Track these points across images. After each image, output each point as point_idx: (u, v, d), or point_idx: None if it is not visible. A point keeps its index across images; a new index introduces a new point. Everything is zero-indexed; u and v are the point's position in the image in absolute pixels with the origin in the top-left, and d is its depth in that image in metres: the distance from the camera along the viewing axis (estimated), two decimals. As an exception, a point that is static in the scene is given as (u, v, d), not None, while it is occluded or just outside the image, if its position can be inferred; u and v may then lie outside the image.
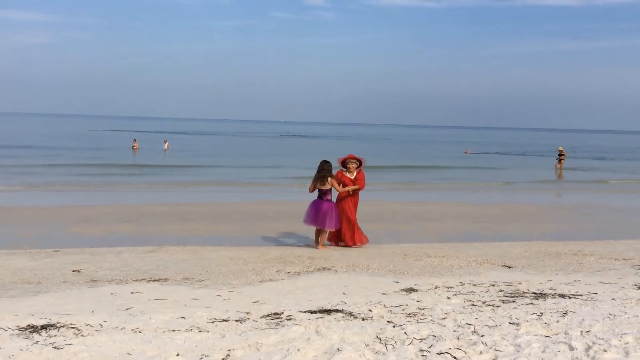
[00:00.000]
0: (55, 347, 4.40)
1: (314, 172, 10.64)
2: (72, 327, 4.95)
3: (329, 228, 10.42)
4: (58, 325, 5.01)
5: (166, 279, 7.62)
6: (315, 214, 10.41)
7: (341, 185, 10.61)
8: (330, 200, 10.56)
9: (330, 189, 10.58)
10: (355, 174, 10.79)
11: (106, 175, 25.32)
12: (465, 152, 53.98)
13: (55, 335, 4.70)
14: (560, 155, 34.47)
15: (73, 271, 8.17)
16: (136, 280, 7.55)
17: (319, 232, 10.52)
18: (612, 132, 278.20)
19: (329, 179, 10.45)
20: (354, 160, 10.85)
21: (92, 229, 12.40)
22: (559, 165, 34.26)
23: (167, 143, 47.14)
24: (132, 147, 45.57)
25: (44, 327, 4.93)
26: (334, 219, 10.38)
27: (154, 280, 7.53)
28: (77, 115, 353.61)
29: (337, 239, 10.76)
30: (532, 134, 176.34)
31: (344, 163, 10.85)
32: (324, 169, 10.46)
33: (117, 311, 5.66)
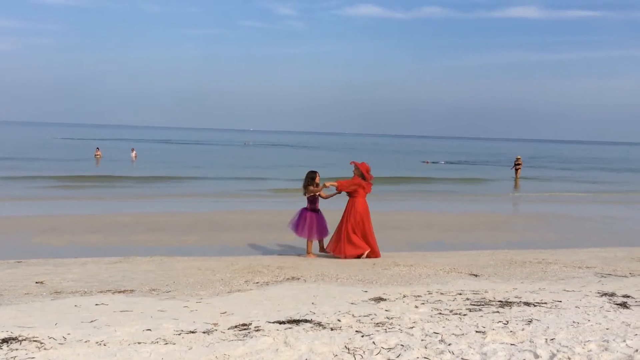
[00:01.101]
0: (16, 362, 4.30)
1: (276, 182, 10.82)
2: (34, 341, 4.84)
3: (303, 236, 10.70)
4: (20, 338, 4.89)
5: (132, 290, 7.50)
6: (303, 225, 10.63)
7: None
8: (308, 209, 10.75)
9: (315, 197, 10.76)
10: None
11: (71, 187, 24.86)
12: (425, 162, 54.41)
13: (17, 349, 4.59)
14: (517, 164, 35.05)
15: (36, 282, 7.99)
16: (101, 291, 7.41)
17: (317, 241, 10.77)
18: (574, 143, 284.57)
19: (309, 187, 10.69)
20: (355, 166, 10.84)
21: (55, 239, 12.16)
22: (515, 174, 34.83)
23: (134, 152, 46.39)
24: (95, 155, 44.41)
25: (5, 340, 4.81)
26: (306, 228, 10.59)
27: (120, 292, 7.40)
28: (42, 123, 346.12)
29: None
30: (496, 143, 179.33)
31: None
32: (305, 178, 10.72)
33: (81, 323, 5.55)
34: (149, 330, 5.26)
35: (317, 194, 10.75)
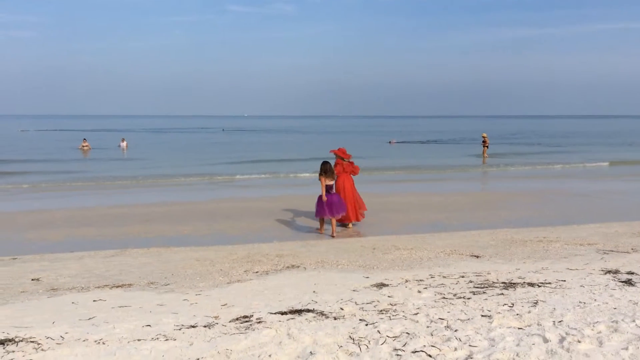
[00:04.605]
0: (13, 365, 4.19)
1: (263, 167, 10.88)
2: (31, 341, 4.72)
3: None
4: (17, 339, 4.77)
5: (130, 285, 7.38)
6: (330, 206, 11.53)
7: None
8: (337, 193, 11.85)
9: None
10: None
11: (59, 178, 24.60)
12: (390, 142, 54.10)
13: (13, 351, 4.46)
14: (483, 142, 34.87)
15: (32, 280, 7.86)
16: (98, 287, 7.29)
17: (330, 221, 11.70)
18: (560, 118, 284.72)
19: (320, 176, 11.68)
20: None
21: (50, 234, 12.00)
22: (483, 152, 34.62)
23: (124, 142, 45.43)
24: (82, 147, 42.79)
25: (1, 342, 4.69)
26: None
27: (117, 287, 7.29)
28: (27, 115, 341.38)
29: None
30: (482, 121, 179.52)
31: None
32: (330, 169, 11.70)
33: (79, 321, 5.43)
34: (149, 326, 5.14)
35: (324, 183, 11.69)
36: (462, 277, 7.01)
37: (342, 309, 5.54)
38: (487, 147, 34.82)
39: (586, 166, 29.24)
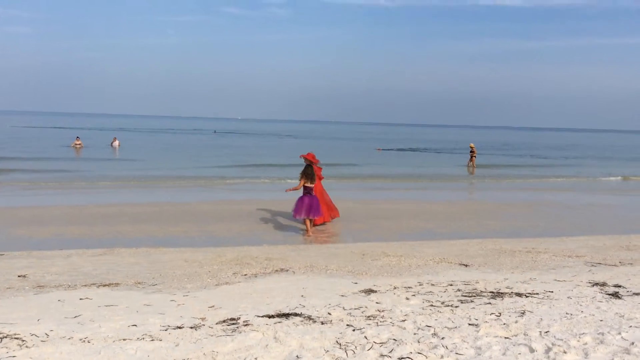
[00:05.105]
0: (-4, 361, 4.15)
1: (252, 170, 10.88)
2: (16, 338, 4.69)
3: (317, 217, 12.39)
4: (1, 335, 4.74)
5: (117, 284, 7.34)
6: (309, 207, 12.11)
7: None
8: (314, 195, 12.39)
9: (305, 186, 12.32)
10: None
11: (52, 174, 24.45)
12: (377, 150, 54.17)
13: (-3, 347, 4.43)
14: (471, 152, 34.93)
15: (18, 276, 7.80)
16: (85, 285, 7.25)
17: (308, 221, 12.21)
18: (552, 130, 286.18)
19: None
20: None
21: (38, 231, 11.92)
22: (470, 163, 34.66)
23: (117, 141, 45.14)
24: (74, 145, 42.19)
25: (-16, 338, 4.65)
26: (319, 209, 12.39)
27: (104, 285, 7.24)
28: (22, 112, 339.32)
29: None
30: (479, 131, 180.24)
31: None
32: (312, 172, 12.31)
33: (65, 319, 5.40)
34: (135, 325, 5.12)
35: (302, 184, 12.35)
36: (451, 285, 7.02)
37: (329, 313, 5.54)
38: (475, 157, 34.88)
39: (597, 180, 28.95)
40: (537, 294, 6.45)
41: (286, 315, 5.46)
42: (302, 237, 11.97)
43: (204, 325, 5.16)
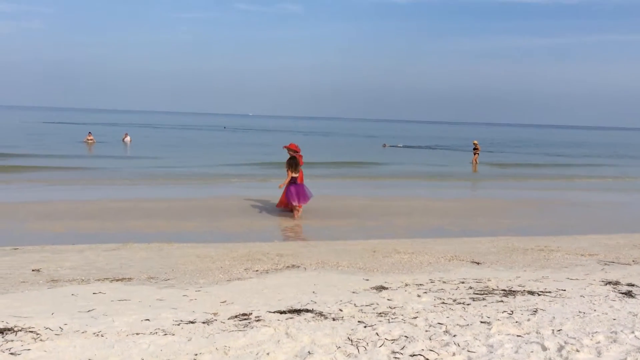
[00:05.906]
0: (12, 354, 4.19)
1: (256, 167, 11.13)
2: (30, 331, 4.74)
3: (305, 202, 13.72)
4: (16, 329, 4.79)
5: (130, 279, 7.39)
6: (297, 195, 13.53)
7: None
8: (299, 183, 13.82)
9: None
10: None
11: (66, 170, 24.63)
12: (383, 146, 53.98)
13: (12, 340, 4.48)
14: (475, 149, 34.72)
15: (32, 270, 7.87)
16: (99, 279, 7.31)
17: (295, 207, 13.56)
18: (568, 128, 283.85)
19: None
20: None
21: (52, 225, 12.02)
22: (474, 159, 34.46)
23: (128, 136, 45.18)
24: (87, 140, 42.42)
25: (0, 331, 4.71)
26: (306, 195, 13.81)
27: (117, 280, 7.30)
28: (34, 107, 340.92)
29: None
30: (488, 128, 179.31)
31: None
32: (296, 162, 13.71)
33: (79, 313, 5.45)
34: (148, 320, 5.16)
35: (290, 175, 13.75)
36: (462, 282, 7.01)
37: (341, 310, 5.55)
38: (478, 154, 34.72)
39: (612, 179, 28.66)
40: (549, 292, 6.42)
41: (298, 311, 5.48)
42: (315, 233, 11.96)
43: (216, 320, 5.19)
